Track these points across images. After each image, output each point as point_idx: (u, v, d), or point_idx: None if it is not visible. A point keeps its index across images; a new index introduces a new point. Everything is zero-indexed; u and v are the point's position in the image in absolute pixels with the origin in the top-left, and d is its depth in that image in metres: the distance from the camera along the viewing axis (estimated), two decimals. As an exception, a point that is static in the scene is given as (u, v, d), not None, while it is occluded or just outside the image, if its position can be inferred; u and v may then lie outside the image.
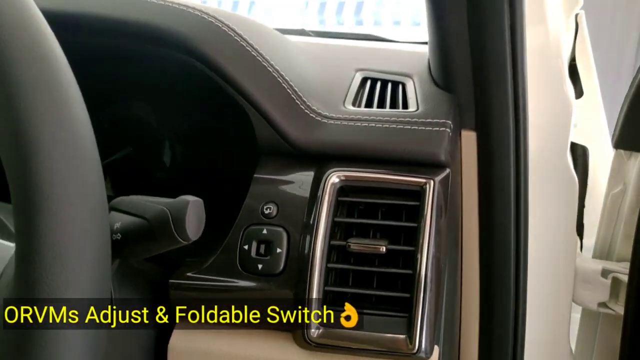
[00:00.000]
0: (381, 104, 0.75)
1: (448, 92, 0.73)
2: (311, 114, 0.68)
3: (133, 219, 0.47)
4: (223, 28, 0.64)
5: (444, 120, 0.67)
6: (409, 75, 0.80)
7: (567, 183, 0.83)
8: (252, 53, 0.65)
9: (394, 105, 0.74)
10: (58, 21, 0.43)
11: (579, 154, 0.89)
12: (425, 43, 1.10)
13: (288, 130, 0.66)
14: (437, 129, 0.66)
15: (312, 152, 0.66)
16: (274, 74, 0.66)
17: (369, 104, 0.74)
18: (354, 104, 0.73)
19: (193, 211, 0.45)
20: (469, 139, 0.74)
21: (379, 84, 0.79)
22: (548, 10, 0.74)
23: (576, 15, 0.80)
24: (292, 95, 0.67)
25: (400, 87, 0.78)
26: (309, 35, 1.21)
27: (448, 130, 0.66)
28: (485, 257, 0.73)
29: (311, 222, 0.62)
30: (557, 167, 0.81)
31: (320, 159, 0.67)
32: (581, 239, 0.93)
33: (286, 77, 0.67)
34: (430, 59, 0.80)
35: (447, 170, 0.66)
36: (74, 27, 0.63)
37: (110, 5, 0.63)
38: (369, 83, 0.79)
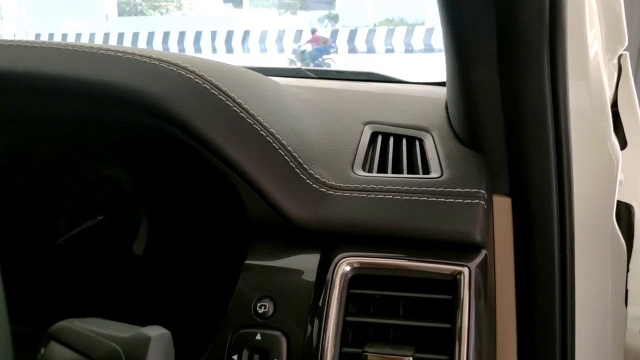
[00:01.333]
0: (396, 167, 0.63)
1: (475, 151, 0.62)
2: (314, 184, 0.56)
3: (75, 358, 0.35)
4: (204, 85, 0.52)
5: (476, 190, 0.55)
6: (426, 129, 0.68)
7: (615, 249, 0.70)
8: (241, 114, 0.53)
9: (412, 169, 0.62)
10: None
11: (623, 213, 0.77)
12: (441, 84, 1.00)
13: (287, 206, 0.54)
14: (469, 200, 0.54)
15: (317, 231, 0.54)
16: (268, 138, 0.54)
17: (382, 168, 0.62)
18: (364, 168, 0.61)
19: (156, 351, 0.33)
20: (502, 206, 0.62)
21: (392, 141, 0.67)
22: (590, 53, 0.63)
23: (619, 57, 0.69)
24: (291, 163, 0.55)
25: (418, 144, 0.66)
26: (307, 76, 1.10)
27: (482, 202, 0.54)
28: (526, 350, 0.60)
29: (317, 323, 0.50)
30: (603, 233, 0.69)
31: (326, 240, 0.55)
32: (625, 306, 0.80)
33: (283, 141, 0.55)
34: (452, 111, 0.68)
35: (484, 253, 0.53)
36: (21, 88, 0.52)
37: (61, 61, 0.52)
38: (380, 140, 0.67)
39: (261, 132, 0.54)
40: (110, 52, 0.53)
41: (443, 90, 0.89)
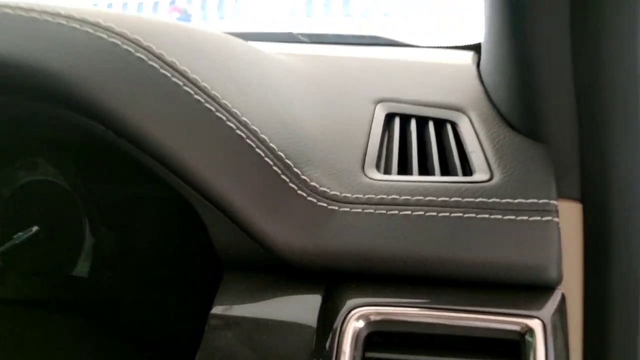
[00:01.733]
0: (423, 164, 0.46)
1: (533, 139, 0.44)
2: (310, 197, 0.38)
3: None
4: (137, 55, 0.34)
5: (545, 200, 0.38)
6: (460, 109, 0.50)
7: None
8: (195, 96, 0.35)
9: (445, 166, 0.45)
10: None
11: None
12: (466, 48, 0.81)
13: (269, 231, 0.37)
14: (538, 218, 0.37)
15: (315, 266, 0.37)
16: (239, 131, 0.36)
17: (403, 166, 0.45)
18: (379, 168, 0.43)
19: None
20: (568, 215, 0.45)
21: (414, 125, 0.49)
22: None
23: None
24: (275, 167, 0.38)
25: (450, 129, 0.48)
26: (300, 41, 0.91)
27: (556, 219, 0.37)
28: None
29: None
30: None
31: (329, 279, 0.38)
32: None
33: (262, 135, 0.38)
34: (492, 82, 0.50)
35: (560, 294, 0.37)
36: None
37: None
38: (397, 124, 0.50)
39: (228, 122, 0.36)
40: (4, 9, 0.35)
41: (469, 56, 0.71)
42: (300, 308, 0.36)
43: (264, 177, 0.37)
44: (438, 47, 0.83)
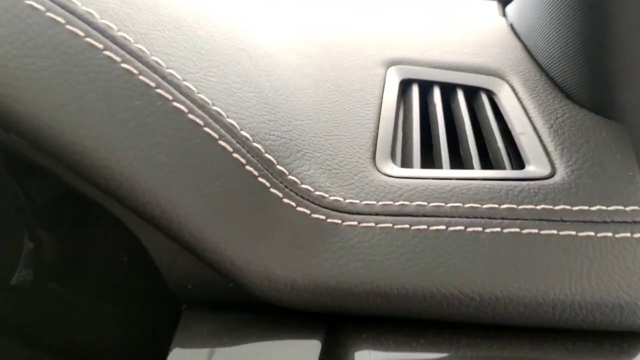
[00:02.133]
0: (453, 152, 0.34)
1: (603, 115, 0.33)
2: (301, 207, 0.27)
3: None
4: (48, 15, 0.22)
5: (634, 207, 0.27)
6: (497, 73, 0.38)
7: None
8: (126, 66, 0.23)
9: (484, 155, 0.33)
10: None
11: None
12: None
13: (243, 262, 0.25)
14: (627, 235, 0.26)
15: (310, 306, 0.26)
16: (194, 117, 0.24)
17: (427, 155, 0.33)
18: (394, 158, 0.32)
19: None
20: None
21: (437, 94, 0.38)
22: None
23: None
24: (249, 165, 0.26)
25: (485, 100, 0.37)
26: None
27: (651, 236, 0.26)
28: None
29: None
30: None
31: (330, 319, 0.27)
32: None
33: (229, 119, 0.26)
34: (540, 39, 0.38)
35: None
36: None
37: None
38: (415, 93, 0.38)
39: (176, 104, 0.24)
40: None
41: (494, 6, 0.58)
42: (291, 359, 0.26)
43: (232, 182, 0.25)
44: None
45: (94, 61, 0.22)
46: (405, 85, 0.39)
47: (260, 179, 0.26)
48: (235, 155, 0.25)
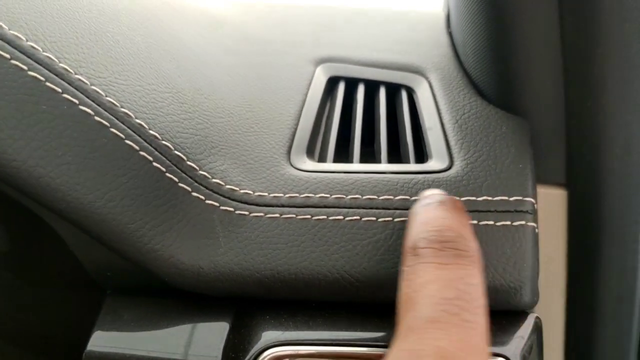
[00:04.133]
0: (369, 146, 0.36)
1: (507, 112, 0.35)
2: (210, 200, 0.29)
3: None
4: None
5: (518, 198, 0.29)
6: (419, 70, 0.40)
7: None
8: (23, 68, 0.25)
9: (395, 149, 0.35)
10: None
11: None
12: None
13: (148, 251, 0.27)
14: (508, 222, 0.28)
15: (217, 291, 0.29)
16: (99, 118, 0.26)
17: (345, 151, 0.36)
18: (311, 153, 0.34)
19: None
20: (550, 202, 0.36)
21: (361, 91, 0.40)
22: None
23: None
24: (156, 162, 0.28)
25: (404, 96, 0.39)
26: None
27: (531, 224, 0.28)
28: None
29: None
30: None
31: (239, 303, 0.29)
32: None
33: (138, 119, 0.28)
34: (460, 34, 0.41)
35: (534, 320, 0.28)
36: None
37: None
38: (341, 90, 0.40)
39: (83, 107, 0.26)
40: None
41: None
42: (202, 341, 0.28)
43: (139, 178, 0.27)
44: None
45: (1, 70, 0.24)
46: (333, 83, 0.41)
47: (167, 174, 0.28)
48: (142, 153, 0.27)
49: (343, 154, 0.35)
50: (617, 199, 0.35)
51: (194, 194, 0.29)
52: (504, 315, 0.28)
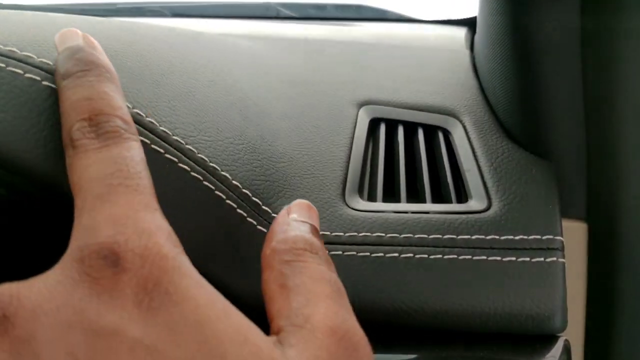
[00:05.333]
0: (412, 181, 0.41)
1: (536, 155, 0.39)
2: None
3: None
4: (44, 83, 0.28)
5: (549, 237, 0.33)
6: (453, 113, 0.45)
7: None
8: (147, 142, 0.30)
9: (436, 187, 0.40)
10: None
11: None
12: (465, 22, 0.74)
13: (235, 283, 0.32)
14: (541, 259, 0.33)
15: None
16: (195, 174, 0.31)
17: (389, 187, 0.40)
18: (361, 192, 0.39)
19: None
20: (572, 234, 0.41)
21: (401, 133, 0.44)
22: None
23: None
24: (240, 209, 0.32)
25: (442, 139, 0.43)
26: (281, 17, 0.83)
27: (561, 260, 0.33)
28: None
29: None
30: None
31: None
32: None
33: (224, 172, 0.32)
34: (488, 78, 0.45)
35: (563, 343, 0.33)
36: None
37: None
38: (383, 131, 0.45)
39: (181, 164, 0.30)
40: None
41: (463, 35, 0.64)
42: None
43: (226, 221, 0.32)
44: (432, 22, 0.76)
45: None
46: (374, 124, 0.45)
47: (248, 219, 0.32)
48: (228, 201, 0.31)
49: (388, 191, 0.40)
50: (633, 232, 0.39)
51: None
52: (538, 339, 0.32)
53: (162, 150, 0.30)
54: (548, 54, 0.37)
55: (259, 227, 0.33)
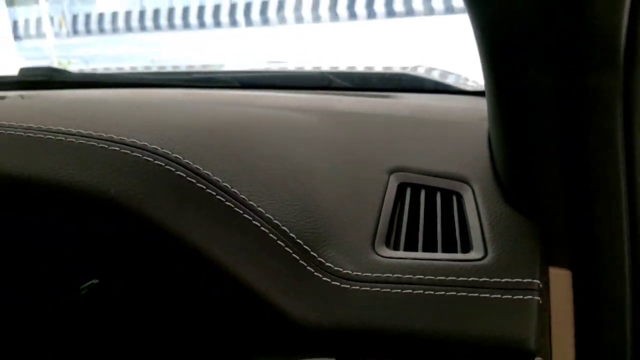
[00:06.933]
0: (429, 234, 0.52)
1: (526, 217, 0.50)
2: (325, 277, 0.45)
3: None
4: (177, 173, 0.42)
5: (529, 280, 0.44)
6: (465, 180, 0.56)
7: None
8: (227, 203, 0.43)
9: (448, 240, 0.51)
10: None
11: None
12: (481, 94, 0.86)
13: (289, 308, 0.44)
14: (521, 297, 0.43)
15: (330, 340, 0.44)
16: (265, 229, 0.44)
17: (410, 239, 0.51)
18: (388, 244, 0.50)
19: None
20: (559, 280, 0.50)
21: (423, 196, 0.56)
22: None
23: None
24: (295, 254, 0.45)
25: (455, 201, 0.54)
26: (334, 89, 0.97)
27: (537, 298, 0.43)
28: None
29: None
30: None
31: (342, 348, 0.45)
32: None
33: (284, 227, 0.45)
34: (495, 150, 0.56)
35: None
36: None
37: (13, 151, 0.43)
38: (408, 195, 0.56)
39: (254, 220, 0.43)
40: (59, 135, 0.44)
41: (482, 107, 0.76)
42: None
43: (284, 263, 0.44)
44: (461, 93, 0.88)
45: (209, 200, 0.42)
46: (402, 187, 0.57)
47: (300, 261, 0.45)
48: (287, 248, 0.44)
49: (409, 242, 0.51)
50: (610, 277, 0.48)
51: (316, 273, 0.45)
52: (516, 356, 0.42)
53: (241, 212, 0.43)
54: (525, 117, 0.48)
55: (308, 267, 0.45)
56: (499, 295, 0.43)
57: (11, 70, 1.23)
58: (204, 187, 0.42)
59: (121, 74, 1.26)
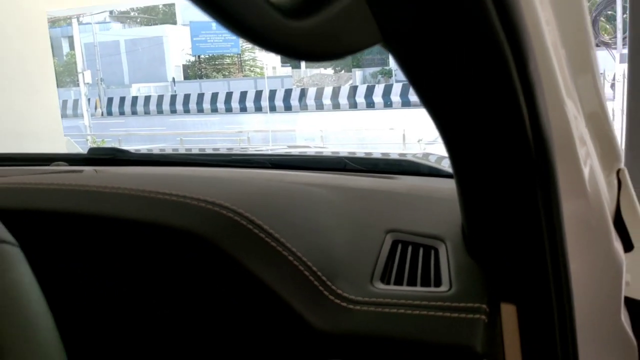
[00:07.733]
0: (412, 275, 0.72)
1: (481, 266, 0.70)
2: (336, 300, 0.65)
3: None
4: (241, 222, 0.64)
5: (478, 305, 0.63)
6: (441, 239, 0.77)
7: (625, 349, 0.75)
8: (272, 243, 0.64)
9: (426, 279, 0.71)
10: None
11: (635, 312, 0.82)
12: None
13: (309, 318, 0.63)
14: (471, 316, 0.62)
15: (340, 342, 0.63)
16: (295, 261, 0.65)
17: (399, 277, 0.71)
18: (382, 279, 0.70)
19: None
20: (509, 313, 0.69)
21: (410, 250, 0.76)
22: (585, 172, 0.71)
23: (618, 172, 0.76)
24: (315, 282, 0.65)
25: (433, 254, 0.75)
26: (348, 170, 1.20)
27: (483, 317, 0.62)
28: None
29: None
30: (611, 333, 0.74)
31: (346, 349, 0.64)
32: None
33: (309, 263, 0.66)
34: (463, 225, 0.77)
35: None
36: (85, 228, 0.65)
37: (125, 204, 0.65)
38: (399, 248, 0.77)
39: (289, 257, 0.64)
40: (173, 197, 0.66)
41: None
42: None
43: (307, 288, 0.64)
44: (446, 177, 1.11)
45: (262, 242, 0.63)
46: (395, 243, 0.77)
47: (319, 287, 0.65)
48: (310, 277, 0.64)
49: (398, 279, 0.71)
50: (542, 310, 0.67)
51: (330, 297, 0.65)
52: (470, 358, 0.61)
53: (281, 250, 0.64)
54: (475, 196, 0.69)
55: (324, 292, 0.65)
56: (457, 314, 0.62)
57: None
58: (258, 232, 0.64)
59: (172, 154, 1.52)
